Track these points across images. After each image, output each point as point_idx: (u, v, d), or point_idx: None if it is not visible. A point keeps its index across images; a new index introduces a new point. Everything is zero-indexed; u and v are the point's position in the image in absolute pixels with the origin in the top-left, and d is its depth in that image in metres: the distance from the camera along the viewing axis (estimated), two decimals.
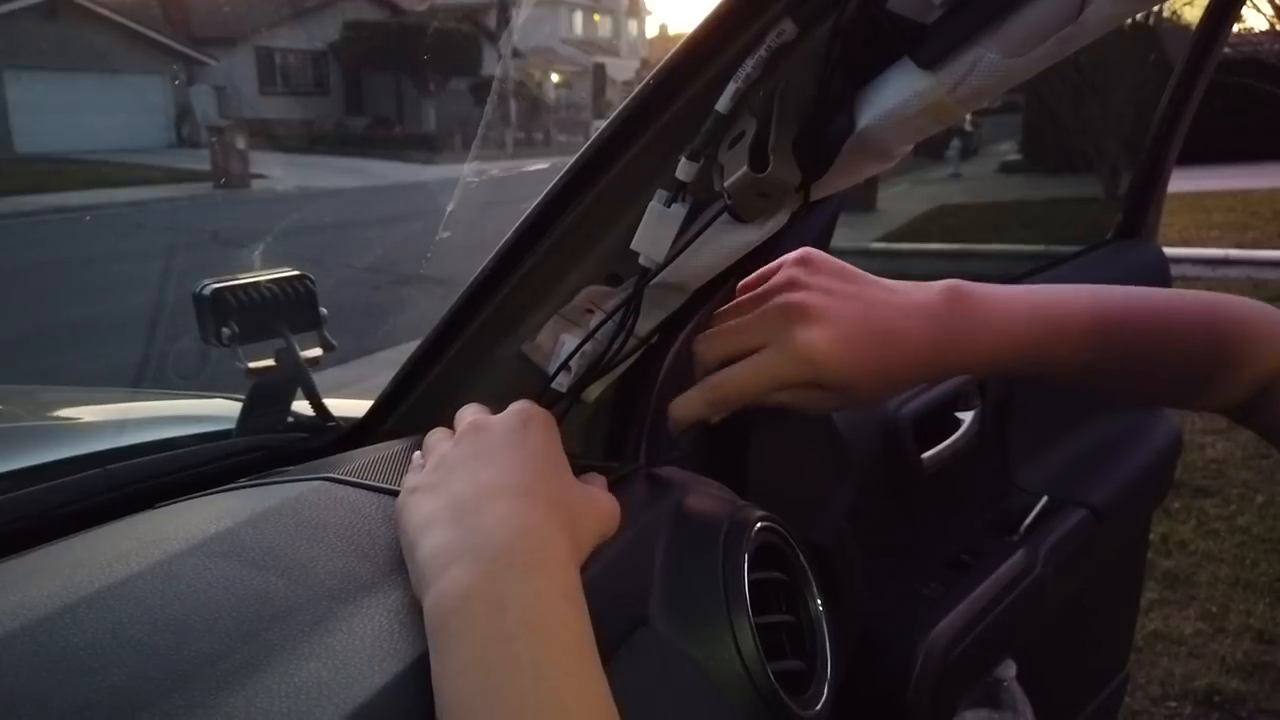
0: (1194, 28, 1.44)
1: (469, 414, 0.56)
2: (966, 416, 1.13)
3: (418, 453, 0.58)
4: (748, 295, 0.61)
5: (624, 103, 0.57)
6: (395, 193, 11.67)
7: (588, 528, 0.49)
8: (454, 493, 0.48)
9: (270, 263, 0.83)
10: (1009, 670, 1.10)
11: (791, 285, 0.58)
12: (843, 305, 0.56)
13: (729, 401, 0.59)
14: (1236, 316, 0.59)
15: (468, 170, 0.90)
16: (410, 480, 0.53)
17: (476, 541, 0.45)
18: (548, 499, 0.48)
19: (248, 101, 20.42)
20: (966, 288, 0.58)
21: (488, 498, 0.47)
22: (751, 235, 0.58)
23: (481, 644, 0.40)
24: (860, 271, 0.60)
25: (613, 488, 0.58)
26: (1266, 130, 9.71)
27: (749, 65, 0.52)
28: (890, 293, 0.58)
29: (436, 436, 0.57)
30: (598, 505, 0.52)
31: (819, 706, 0.57)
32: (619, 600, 0.52)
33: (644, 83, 0.55)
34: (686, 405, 0.60)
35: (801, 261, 0.59)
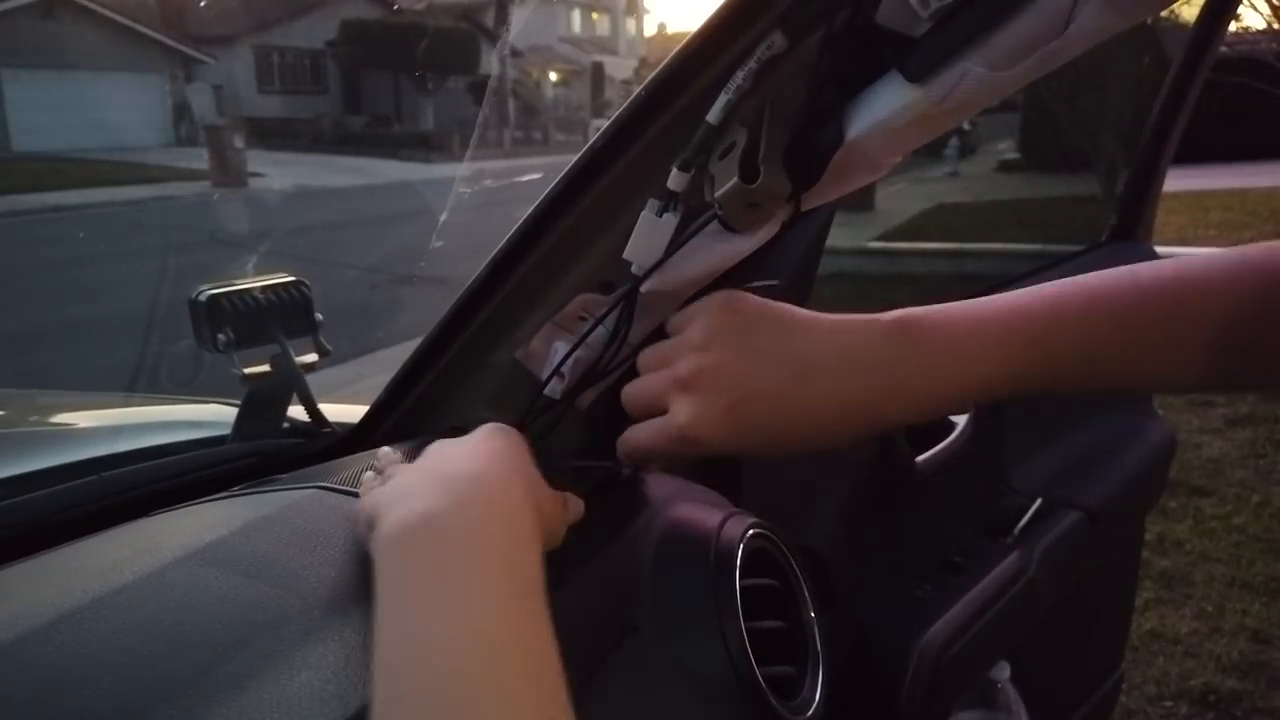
0: (1190, 26, 1.44)
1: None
2: (960, 419, 1.13)
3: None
4: (668, 341, 0.57)
5: (616, 113, 0.57)
6: (393, 191, 11.66)
7: (550, 513, 0.48)
8: (414, 467, 0.48)
9: (267, 261, 0.83)
10: (1003, 671, 1.10)
11: (693, 348, 0.53)
12: (742, 369, 0.52)
13: (637, 458, 0.57)
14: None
15: (463, 173, 0.90)
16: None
17: (441, 479, 0.44)
18: (514, 468, 0.47)
19: (246, 100, 20.40)
20: (917, 317, 0.51)
21: (454, 459, 0.47)
22: (743, 244, 0.58)
23: (438, 567, 0.39)
24: (790, 314, 0.54)
25: (604, 491, 0.59)
26: (1264, 129, 9.72)
27: (739, 77, 0.52)
28: (814, 343, 0.52)
29: (391, 457, 0.57)
30: (554, 504, 0.49)
31: (810, 711, 0.57)
32: (609, 608, 0.52)
33: (635, 94, 0.55)
34: (620, 444, 0.58)
35: (720, 308, 0.54)
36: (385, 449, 0.60)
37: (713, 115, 0.53)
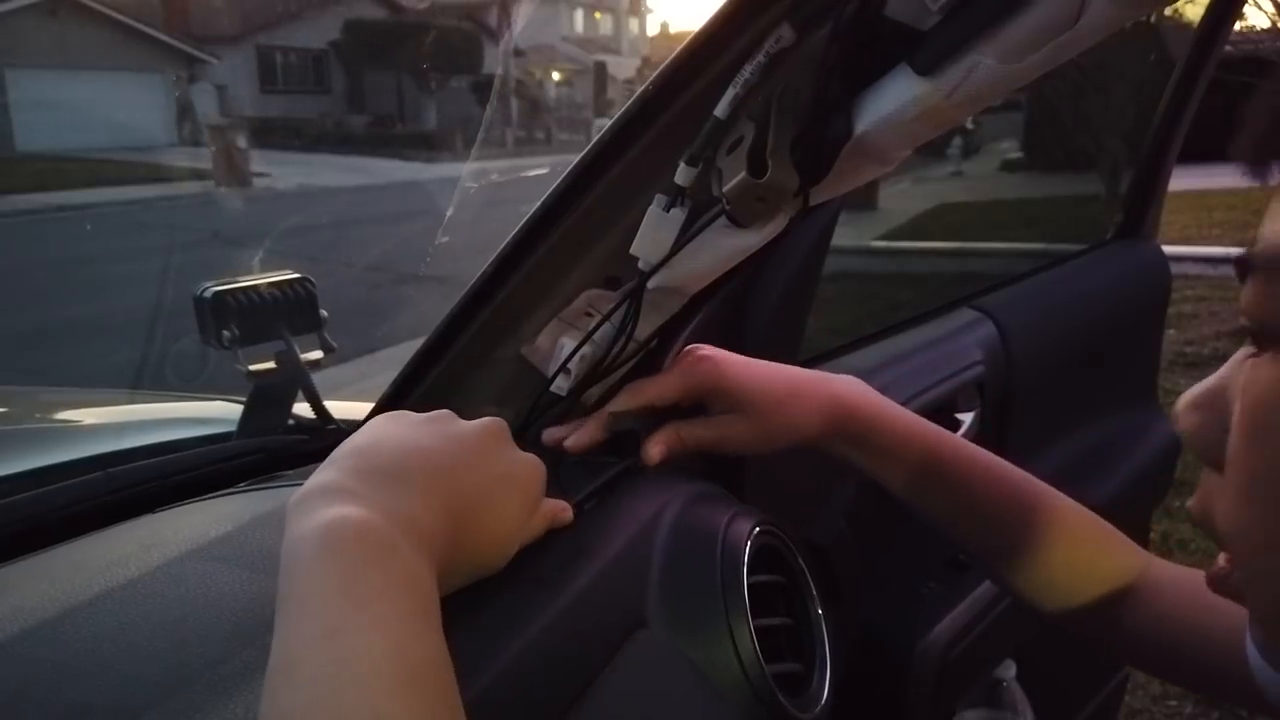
0: (1194, 26, 1.44)
1: None
2: (967, 417, 1.13)
3: None
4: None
5: (623, 108, 0.57)
6: (396, 191, 11.67)
7: (475, 557, 0.46)
8: (378, 435, 0.47)
9: (270, 261, 0.83)
10: (1009, 670, 1.10)
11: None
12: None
13: (637, 401, 0.65)
14: (1057, 508, 0.69)
15: (469, 172, 0.90)
16: None
17: (377, 485, 0.42)
18: (460, 499, 0.45)
19: (249, 100, 20.43)
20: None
21: (405, 452, 0.45)
22: (750, 239, 0.58)
23: (359, 579, 0.37)
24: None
25: (613, 486, 0.58)
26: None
27: (747, 70, 0.52)
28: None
29: None
30: (504, 543, 0.48)
31: (818, 709, 0.57)
32: (617, 602, 0.52)
33: (643, 88, 0.55)
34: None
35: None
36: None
37: (720, 109, 0.53)
